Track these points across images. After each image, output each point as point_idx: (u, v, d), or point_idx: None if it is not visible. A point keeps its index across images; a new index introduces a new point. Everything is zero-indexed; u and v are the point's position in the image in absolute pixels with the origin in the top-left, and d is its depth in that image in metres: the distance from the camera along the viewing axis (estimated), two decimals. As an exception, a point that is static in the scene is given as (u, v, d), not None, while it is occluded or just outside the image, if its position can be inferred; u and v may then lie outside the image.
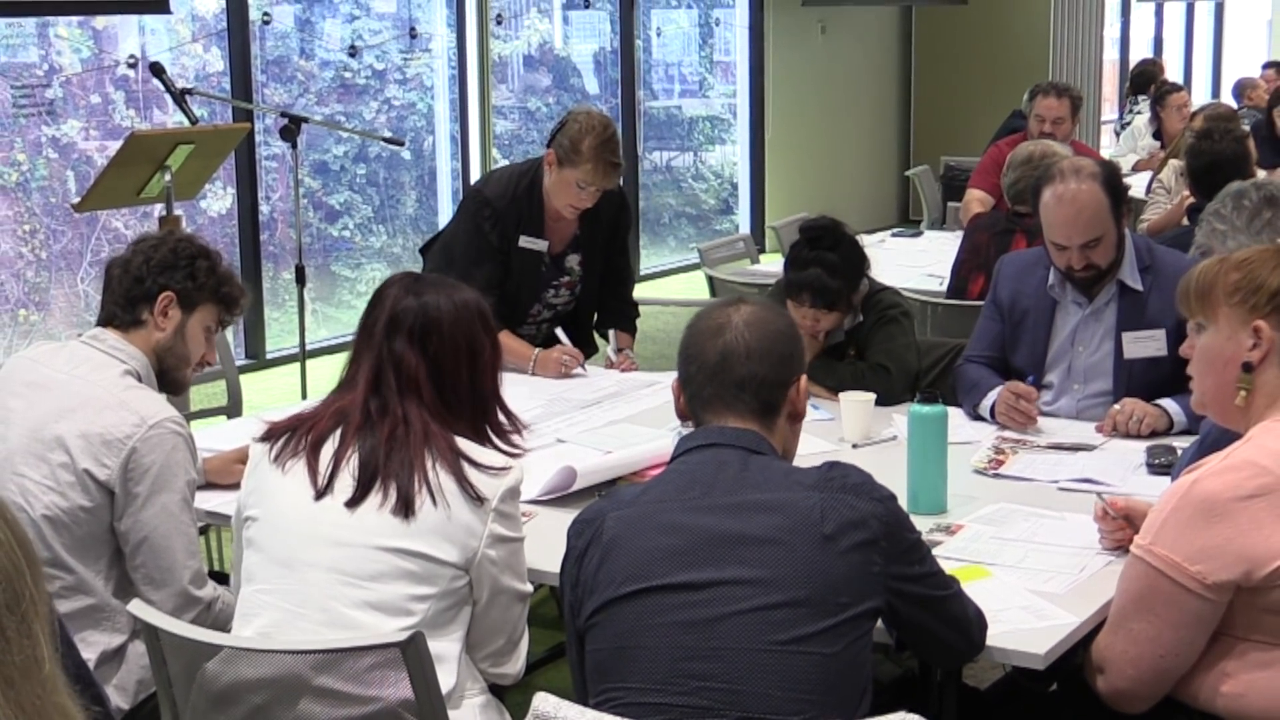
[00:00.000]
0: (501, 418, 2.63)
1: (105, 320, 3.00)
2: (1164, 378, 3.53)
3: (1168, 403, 3.44)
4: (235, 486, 2.82)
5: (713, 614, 2.09)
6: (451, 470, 2.45)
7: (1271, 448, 2.28)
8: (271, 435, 2.57)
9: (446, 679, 2.39)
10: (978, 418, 3.62)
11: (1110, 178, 3.59)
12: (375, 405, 2.51)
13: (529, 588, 2.58)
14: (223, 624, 2.84)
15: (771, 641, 2.07)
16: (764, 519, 2.13)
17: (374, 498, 2.43)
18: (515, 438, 2.64)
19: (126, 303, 2.97)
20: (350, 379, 2.57)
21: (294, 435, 2.54)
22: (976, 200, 6.51)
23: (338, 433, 2.50)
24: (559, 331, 4.30)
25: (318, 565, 2.44)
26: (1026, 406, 3.49)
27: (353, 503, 2.44)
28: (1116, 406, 3.47)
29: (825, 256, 3.73)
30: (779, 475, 2.20)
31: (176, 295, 2.96)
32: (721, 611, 2.09)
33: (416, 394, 2.51)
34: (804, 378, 2.33)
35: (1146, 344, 3.57)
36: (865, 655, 2.15)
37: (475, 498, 2.44)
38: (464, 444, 2.50)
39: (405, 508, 2.42)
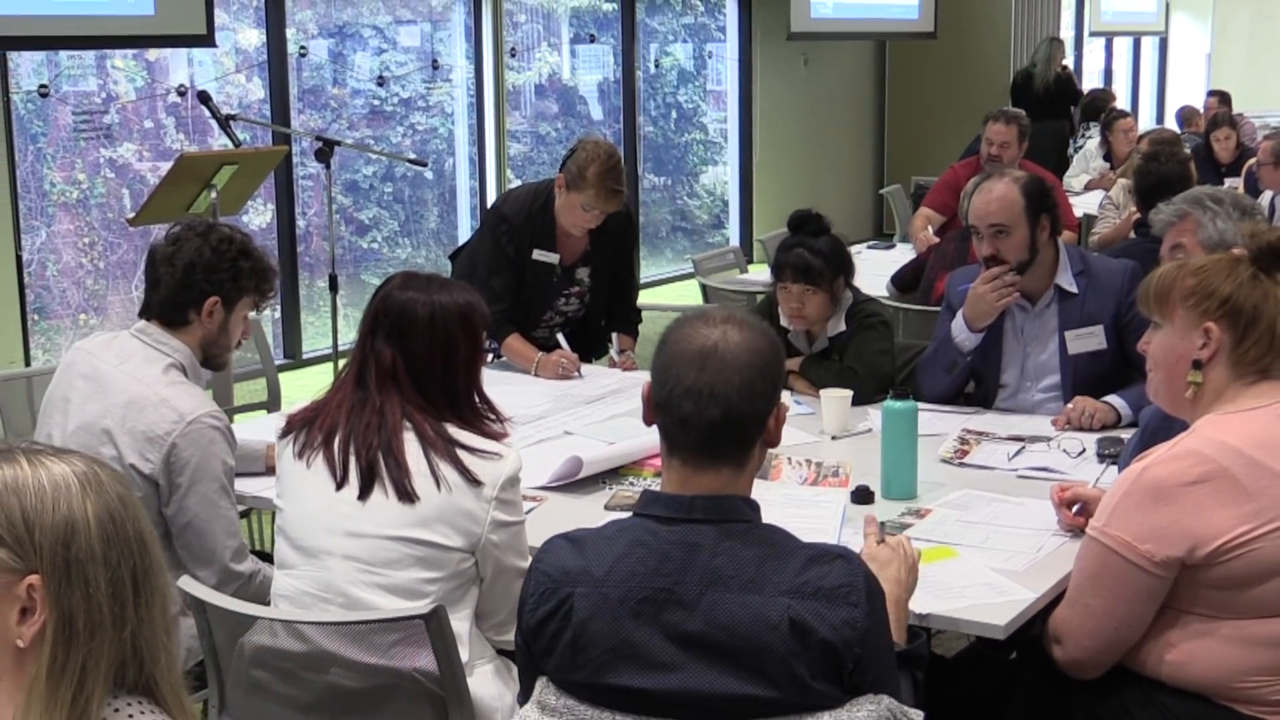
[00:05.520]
0: (480, 404, 2.56)
1: (153, 314, 2.94)
2: (1106, 369, 3.56)
3: (1114, 399, 3.45)
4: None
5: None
6: (446, 456, 2.41)
7: (1215, 438, 2.28)
8: (290, 428, 2.55)
9: (460, 653, 2.38)
10: (934, 394, 3.64)
11: (1030, 185, 3.58)
12: (358, 398, 2.48)
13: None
14: (263, 595, 2.85)
15: None
16: (730, 627, 1.84)
17: (378, 489, 2.41)
18: (495, 425, 2.57)
19: (174, 305, 2.91)
20: (345, 373, 2.56)
21: (310, 429, 2.51)
22: (923, 216, 6.50)
23: (342, 426, 2.48)
24: (560, 337, 4.29)
25: (336, 553, 2.43)
26: (1005, 277, 3.53)
27: (362, 495, 2.42)
28: (1070, 405, 3.47)
29: (808, 240, 3.75)
30: (751, 567, 1.86)
31: (221, 298, 2.92)
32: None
33: (396, 387, 2.46)
34: (782, 404, 1.99)
35: (1087, 340, 3.58)
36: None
37: (473, 481, 2.40)
38: (456, 432, 2.46)
39: (403, 494, 2.39)
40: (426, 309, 2.50)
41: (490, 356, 4.08)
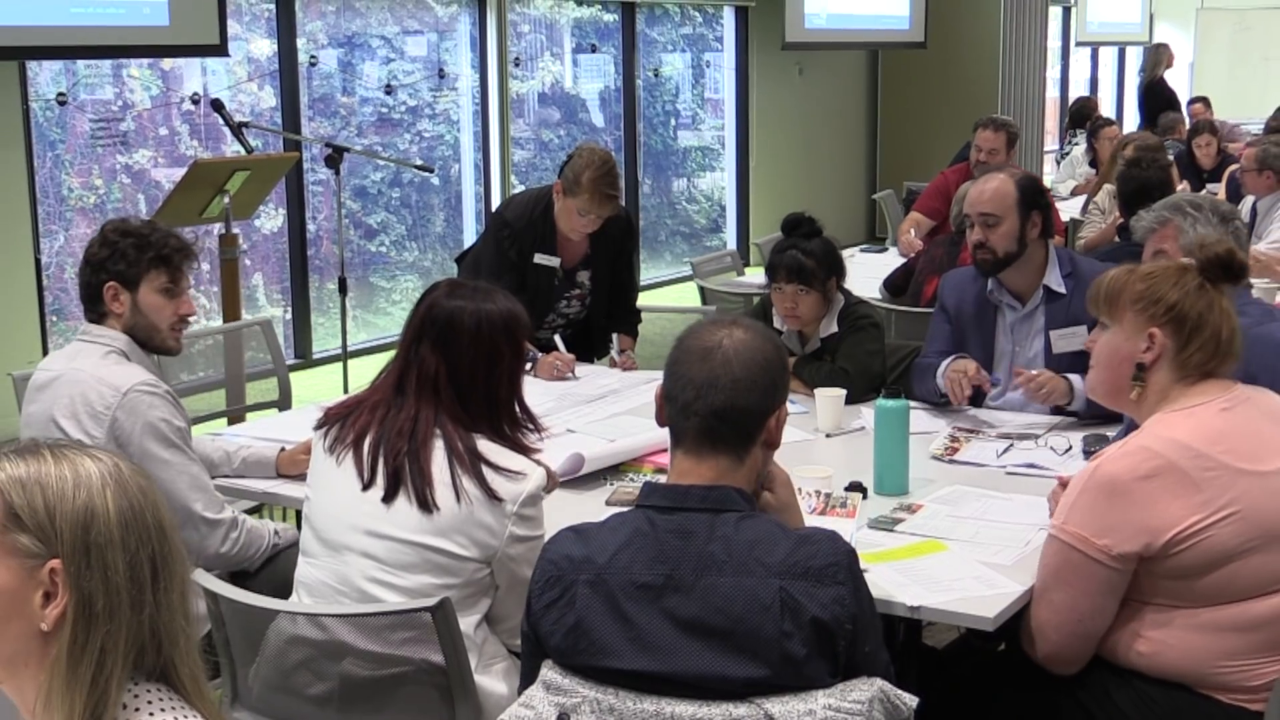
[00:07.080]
0: (519, 414, 2.53)
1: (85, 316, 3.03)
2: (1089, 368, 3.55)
3: (1074, 376, 3.43)
4: (302, 477, 2.81)
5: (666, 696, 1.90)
6: (471, 471, 2.38)
7: (1164, 435, 2.31)
8: (326, 422, 2.53)
9: (471, 657, 2.36)
10: (925, 399, 3.62)
11: (1025, 182, 3.61)
12: (397, 403, 2.45)
13: None
14: (254, 544, 2.91)
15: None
16: (725, 610, 1.88)
17: (402, 494, 2.39)
18: (532, 436, 2.54)
19: (87, 303, 2.98)
20: (386, 375, 2.53)
21: (344, 425, 2.49)
22: (913, 221, 6.49)
23: (374, 428, 2.46)
24: (557, 338, 4.29)
25: (355, 549, 2.42)
26: (965, 382, 3.47)
27: (387, 498, 2.40)
28: (1036, 370, 3.44)
29: (801, 242, 3.76)
30: (743, 550, 1.90)
31: (117, 282, 2.94)
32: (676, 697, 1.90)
33: (434, 395, 2.43)
34: (784, 408, 2.04)
35: (1072, 339, 3.58)
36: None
37: (494, 498, 2.37)
38: (485, 447, 2.42)
39: (424, 503, 2.37)
40: (474, 318, 2.45)
41: (530, 365, 3.99)
